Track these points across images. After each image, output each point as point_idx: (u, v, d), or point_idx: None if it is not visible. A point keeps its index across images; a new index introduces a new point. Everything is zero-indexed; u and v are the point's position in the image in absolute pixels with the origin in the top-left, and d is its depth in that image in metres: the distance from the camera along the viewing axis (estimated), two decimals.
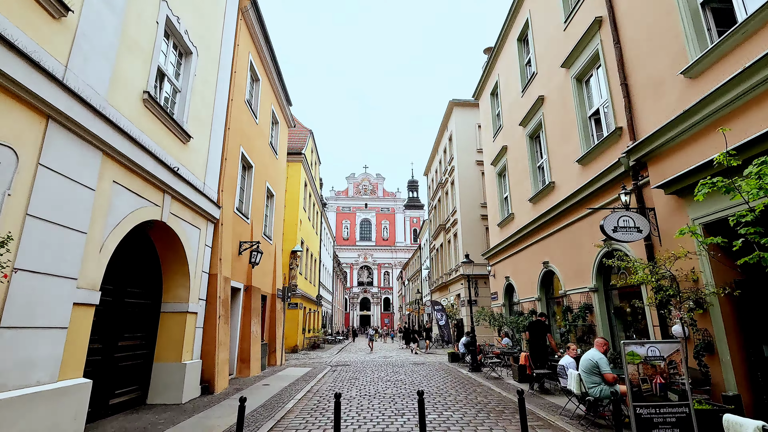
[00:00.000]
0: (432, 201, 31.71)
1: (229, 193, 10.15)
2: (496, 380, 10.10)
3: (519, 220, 13.28)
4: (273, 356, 14.11)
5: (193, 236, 8.23)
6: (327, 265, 38.35)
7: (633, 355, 4.30)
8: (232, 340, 10.83)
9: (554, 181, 10.73)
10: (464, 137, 23.86)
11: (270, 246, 14.49)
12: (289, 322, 20.55)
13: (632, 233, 6.56)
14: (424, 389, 8.91)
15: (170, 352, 7.60)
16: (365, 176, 79.93)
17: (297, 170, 22.63)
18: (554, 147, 10.86)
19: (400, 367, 13.59)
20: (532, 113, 12.09)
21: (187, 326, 7.83)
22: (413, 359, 16.96)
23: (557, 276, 10.41)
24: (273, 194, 14.89)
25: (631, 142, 7.22)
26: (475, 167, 23.32)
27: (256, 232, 12.35)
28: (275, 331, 14.34)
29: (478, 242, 22.16)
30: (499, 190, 15.72)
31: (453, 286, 24.38)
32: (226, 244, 9.67)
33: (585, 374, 5.48)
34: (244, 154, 11.47)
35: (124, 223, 5.85)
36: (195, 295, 8.18)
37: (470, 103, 24.38)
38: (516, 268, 13.55)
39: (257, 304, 12.11)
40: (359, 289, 72.00)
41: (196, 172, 8.34)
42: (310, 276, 26.82)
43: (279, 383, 9.95)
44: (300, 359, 17.23)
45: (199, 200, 8.23)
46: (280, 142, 16.15)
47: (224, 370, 9.02)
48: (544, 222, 11.12)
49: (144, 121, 6.45)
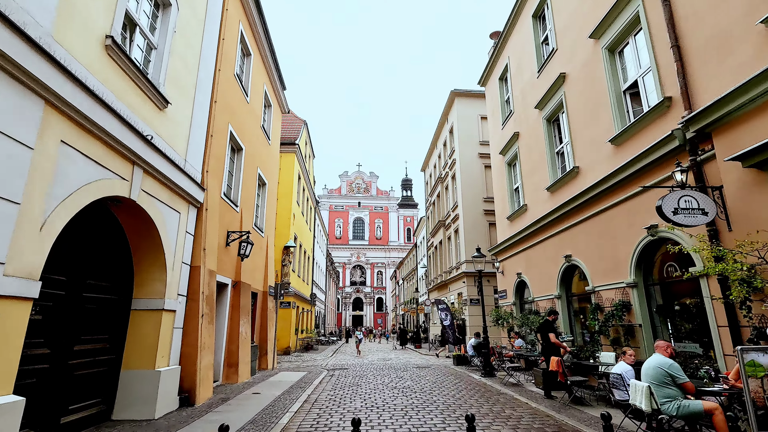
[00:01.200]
0: (430, 197, 30.65)
1: (215, 176, 8.93)
2: (516, 387, 9.02)
3: (533, 212, 12.23)
4: (264, 359, 12.88)
5: (172, 221, 7.01)
6: (320, 263, 37.09)
7: (754, 366, 3.23)
8: (218, 343, 9.61)
9: (578, 167, 9.70)
10: (466, 129, 22.82)
11: (261, 239, 13.27)
12: (281, 322, 19.31)
13: (696, 216, 5.52)
14: (437, 399, 7.79)
15: (141, 358, 6.37)
16: (359, 174, 78.70)
17: (290, 162, 21.39)
18: (578, 129, 9.82)
19: (404, 371, 12.46)
20: (551, 94, 11.05)
21: (163, 327, 6.61)
22: (415, 362, 15.85)
23: (583, 271, 9.37)
24: (265, 182, 13.67)
25: (687, 112, 6.18)
26: (477, 160, 22.30)
27: (246, 223, 11.13)
28: (267, 332, 13.11)
29: (481, 238, 21.14)
30: (509, 180, 14.69)
31: (453, 284, 23.31)
32: (211, 232, 8.46)
33: (655, 386, 4.41)
34: (233, 133, 10.25)
35: (77, 196, 4.64)
36: (173, 291, 6.96)
37: (473, 94, 23.37)
38: (530, 264, 12.51)
39: (247, 301, 10.89)
40: (352, 289, 70.73)
41: (175, 146, 7.13)
42: (303, 274, 25.58)
43: (271, 391, 8.76)
44: (293, 362, 16.01)
45: (178, 178, 7.01)
46: (273, 127, 14.93)
47: (208, 377, 7.80)
48: (565, 212, 10.08)
49: (107, 74, 5.24)
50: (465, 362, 14.21)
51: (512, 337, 12.47)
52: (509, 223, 14.42)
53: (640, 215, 7.37)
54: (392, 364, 14.88)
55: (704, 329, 6.13)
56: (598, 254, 8.76)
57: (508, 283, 14.37)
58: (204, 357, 7.67)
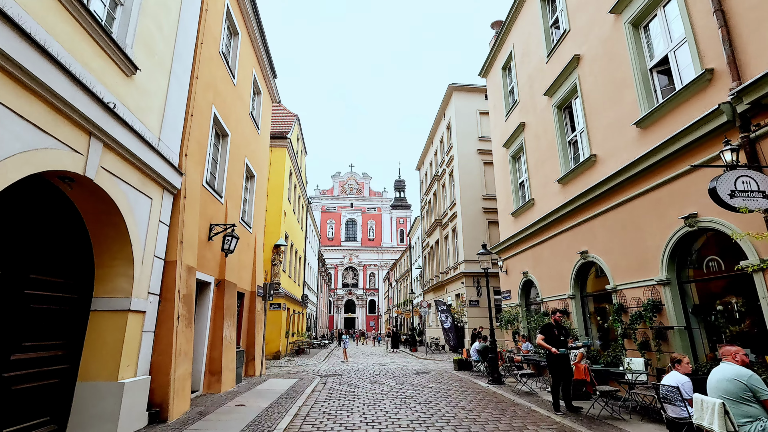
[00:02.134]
0: (425, 195, 29.84)
1: (196, 161, 7.98)
2: (530, 397, 8.17)
3: (542, 206, 11.44)
4: (251, 365, 11.88)
5: (141, 207, 6.04)
6: (312, 264, 36.03)
7: None
8: (199, 348, 8.61)
9: (595, 155, 8.91)
10: (464, 124, 22.06)
11: (249, 235, 12.29)
12: (270, 325, 18.28)
13: (756, 200, 4.72)
14: (446, 412, 6.90)
15: (102, 367, 5.39)
16: (351, 175, 77.74)
17: (281, 156, 20.40)
18: (595, 114, 9.05)
19: (403, 378, 11.55)
20: (563, 78, 10.28)
21: (129, 330, 5.64)
22: (413, 367, 14.94)
23: (601, 268, 8.57)
24: (254, 175, 12.70)
25: (736, 84, 5.40)
26: (476, 156, 21.54)
27: (231, 216, 10.15)
28: (254, 336, 12.11)
29: (480, 237, 20.33)
30: (513, 174, 13.90)
31: (451, 285, 22.48)
32: (190, 223, 7.49)
33: (731, 402, 3.57)
34: (218, 117, 9.29)
35: (7, 166, 3.68)
36: (142, 288, 5.99)
37: (471, 88, 22.63)
38: (538, 262, 11.70)
39: (232, 302, 9.91)
40: (344, 291, 69.62)
41: (146, 120, 6.17)
42: (294, 274, 24.54)
43: (258, 402, 7.80)
44: (283, 367, 15.00)
45: (149, 158, 6.05)
46: (263, 116, 13.97)
47: (184, 388, 6.82)
48: (580, 205, 9.30)
49: (55, 22, 4.28)
50: (467, 367, 13.34)
51: (519, 341, 11.64)
52: (513, 219, 13.62)
53: (673, 204, 6.59)
54: (389, 370, 13.96)
55: (760, 332, 5.34)
56: (621, 249, 7.96)
57: (513, 283, 13.56)
58: (180, 365, 6.69)
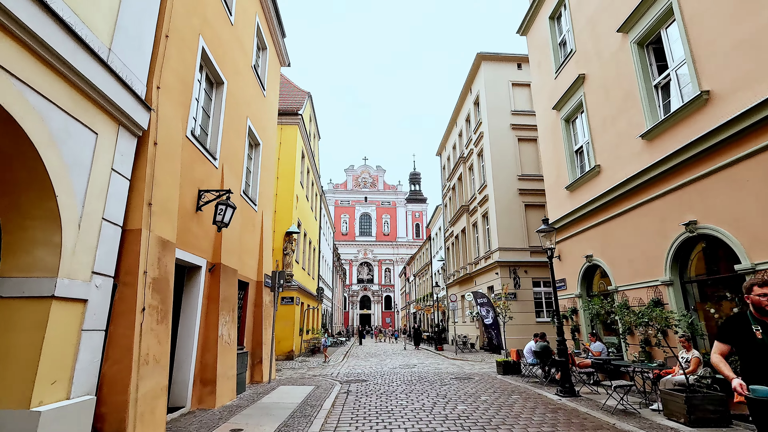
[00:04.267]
0: (448, 181, 27.55)
1: (175, 101, 5.96)
2: (632, 418, 5.95)
3: (612, 173, 9.17)
4: (258, 370, 9.90)
5: (78, 143, 4.02)
6: (327, 257, 34.11)
7: None
8: (184, 351, 6.62)
9: (708, 91, 6.61)
10: (495, 97, 19.73)
11: (255, 214, 10.30)
12: (282, 321, 16.35)
13: None
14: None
15: (6, 387, 3.40)
16: (365, 168, 75.67)
17: (293, 135, 18.41)
18: (705, 40, 6.74)
19: (442, 386, 9.41)
20: (647, 5, 7.99)
21: (56, 327, 3.64)
22: (447, 369, 12.79)
23: (726, 242, 6.28)
24: (259, 143, 10.67)
25: None
26: (509, 132, 19.22)
27: (230, 184, 8.13)
28: (261, 334, 10.13)
29: (516, 222, 18.09)
30: (567, 141, 11.60)
31: (481, 277, 20.21)
32: (166, 181, 5.47)
33: None
34: (208, 53, 7.26)
35: None
36: (81, 265, 3.98)
37: (502, 57, 20.30)
38: (609, 242, 9.41)
39: (231, 292, 7.90)
40: (359, 287, 67.75)
41: (85, 16, 4.13)
42: (308, 267, 22.60)
43: (261, 425, 5.77)
44: (297, 370, 13.03)
45: (91, 70, 4.03)
46: (269, 77, 11.93)
47: (154, 409, 4.81)
48: (683, 162, 7.02)
49: None
50: (514, 371, 11.15)
51: (589, 339, 9.38)
52: (569, 194, 11.34)
53: None
54: (421, 374, 11.84)
55: None
56: (764, 214, 5.67)
57: (569, 270, 11.29)
58: (147, 377, 4.68)
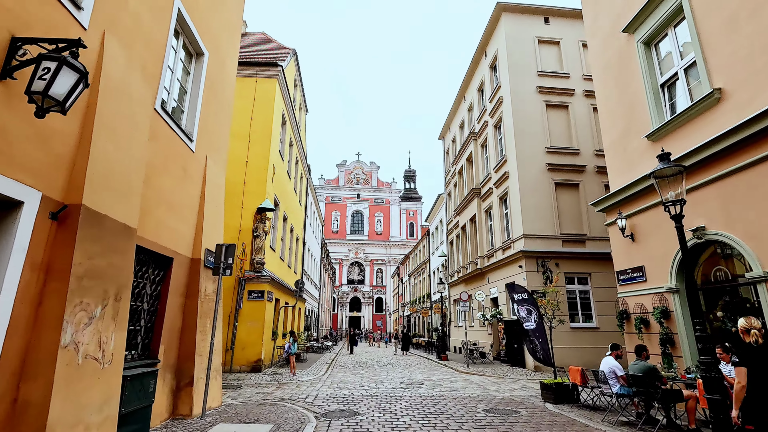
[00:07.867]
0: (454, 165, 24.11)
1: None
2: None
3: (748, 97, 5.80)
4: (185, 396, 6.27)
5: None
6: (314, 251, 30.44)
7: None
8: None
9: None
10: (519, 55, 16.36)
11: (188, 153, 6.72)
12: (249, 321, 12.69)
13: None
14: None
15: None
16: (358, 164, 72.15)
17: (270, 90, 14.81)
18: None
19: (475, 427, 5.89)
20: None
21: None
22: (468, 392, 9.25)
23: None
24: (203, 52, 7.10)
25: None
26: (536, 97, 15.85)
27: (118, 65, 4.53)
28: (194, 342, 6.50)
29: (544, 203, 14.67)
30: (648, 72, 8.23)
31: (496, 272, 16.72)
32: None
33: None
34: None
35: None
36: None
37: (526, 8, 16.96)
38: (743, 204, 6.01)
39: (108, 263, 4.29)
40: (349, 288, 63.99)
41: None
42: (289, 258, 18.95)
43: None
44: (262, 387, 9.38)
45: None
46: None
47: None
48: None
49: None
50: (568, 398, 7.69)
51: (723, 353, 5.87)
52: (649, 145, 7.96)
53: None
54: (434, 399, 8.30)
55: None
56: None
57: (652, 252, 7.89)
58: None
